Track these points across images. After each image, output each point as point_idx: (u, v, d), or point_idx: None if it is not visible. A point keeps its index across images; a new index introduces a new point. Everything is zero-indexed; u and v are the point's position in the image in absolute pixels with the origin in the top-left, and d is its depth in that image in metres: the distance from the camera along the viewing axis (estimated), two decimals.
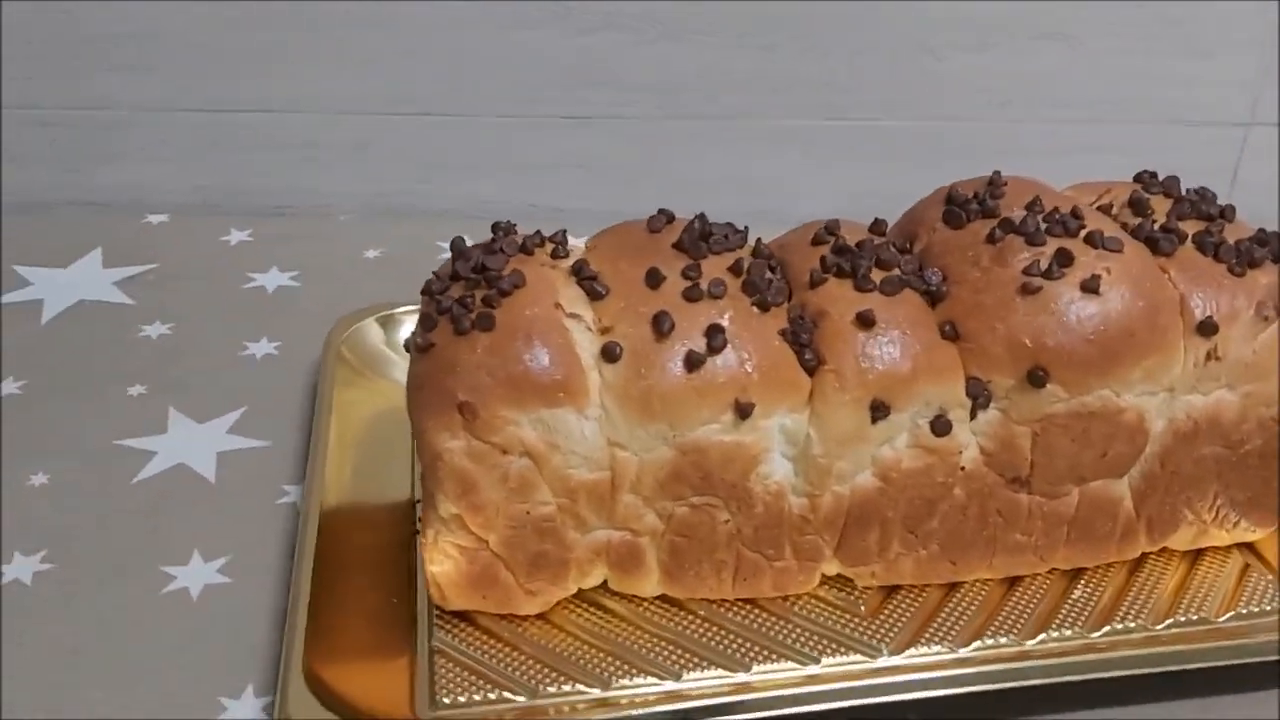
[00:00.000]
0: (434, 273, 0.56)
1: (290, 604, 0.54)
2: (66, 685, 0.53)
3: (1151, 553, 0.61)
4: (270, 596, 0.58)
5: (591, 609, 0.57)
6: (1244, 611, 0.57)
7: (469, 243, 0.57)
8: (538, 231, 0.58)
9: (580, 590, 0.57)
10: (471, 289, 0.53)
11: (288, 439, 0.68)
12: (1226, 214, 0.59)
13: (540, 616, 0.56)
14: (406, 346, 0.54)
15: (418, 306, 0.72)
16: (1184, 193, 0.61)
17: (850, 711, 0.52)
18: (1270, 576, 0.59)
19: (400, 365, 0.71)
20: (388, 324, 0.74)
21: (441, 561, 0.54)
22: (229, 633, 0.56)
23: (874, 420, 0.53)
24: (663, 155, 0.94)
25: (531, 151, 0.94)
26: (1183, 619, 0.57)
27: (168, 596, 0.58)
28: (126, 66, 0.90)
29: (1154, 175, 0.62)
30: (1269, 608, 0.57)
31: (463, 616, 0.56)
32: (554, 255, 0.57)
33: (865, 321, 0.53)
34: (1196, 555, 0.61)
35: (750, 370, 0.52)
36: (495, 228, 0.57)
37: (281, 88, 0.91)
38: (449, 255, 0.57)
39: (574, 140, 0.93)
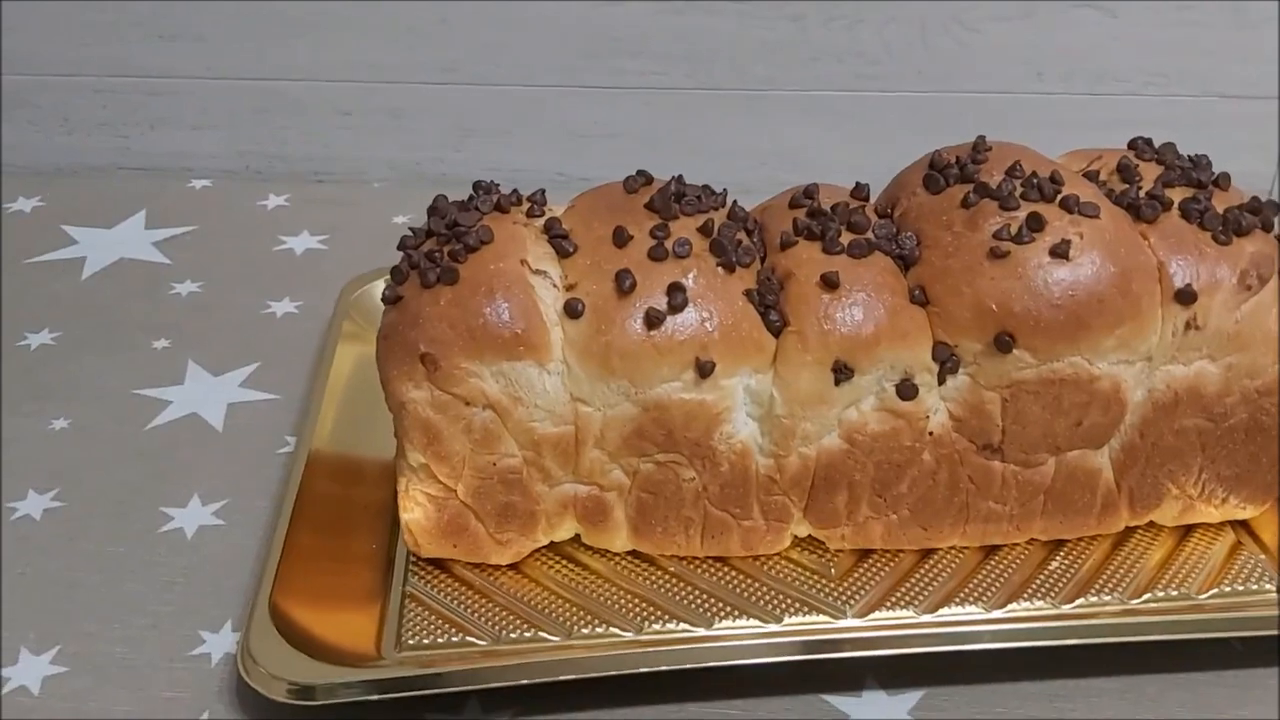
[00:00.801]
0: (410, 228, 0.57)
1: (267, 546, 0.56)
2: (62, 615, 0.56)
3: (1138, 527, 0.59)
4: (259, 540, 0.60)
5: (566, 562, 0.58)
6: (1228, 589, 0.56)
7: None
8: (514, 190, 0.59)
9: (557, 544, 0.58)
10: (442, 244, 0.54)
11: (296, 393, 0.71)
12: (1220, 181, 0.57)
13: (514, 567, 0.58)
14: (382, 300, 0.55)
15: None
16: (1177, 159, 0.59)
17: (804, 669, 0.52)
18: (1261, 556, 0.58)
19: None
20: None
21: (413, 509, 0.56)
22: (217, 571, 0.59)
23: (837, 382, 0.53)
24: (692, 125, 0.94)
25: (562, 120, 0.95)
26: (1161, 594, 0.56)
27: (163, 536, 0.61)
28: (174, 36, 0.93)
29: (1149, 142, 0.61)
30: (1255, 586, 0.56)
31: (439, 565, 0.58)
32: (529, 214, 0.58)
33: (829, 283, 0.53)
34: (1186, 531, 0.60)
35: (711, 329, 0.53)
36: (476, 186, 0.59)
37: (321, 57, 0.94)
38: None
39: (604, 109, 0.94)
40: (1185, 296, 0.53)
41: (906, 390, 0.54)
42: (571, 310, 0.53)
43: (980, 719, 0.51)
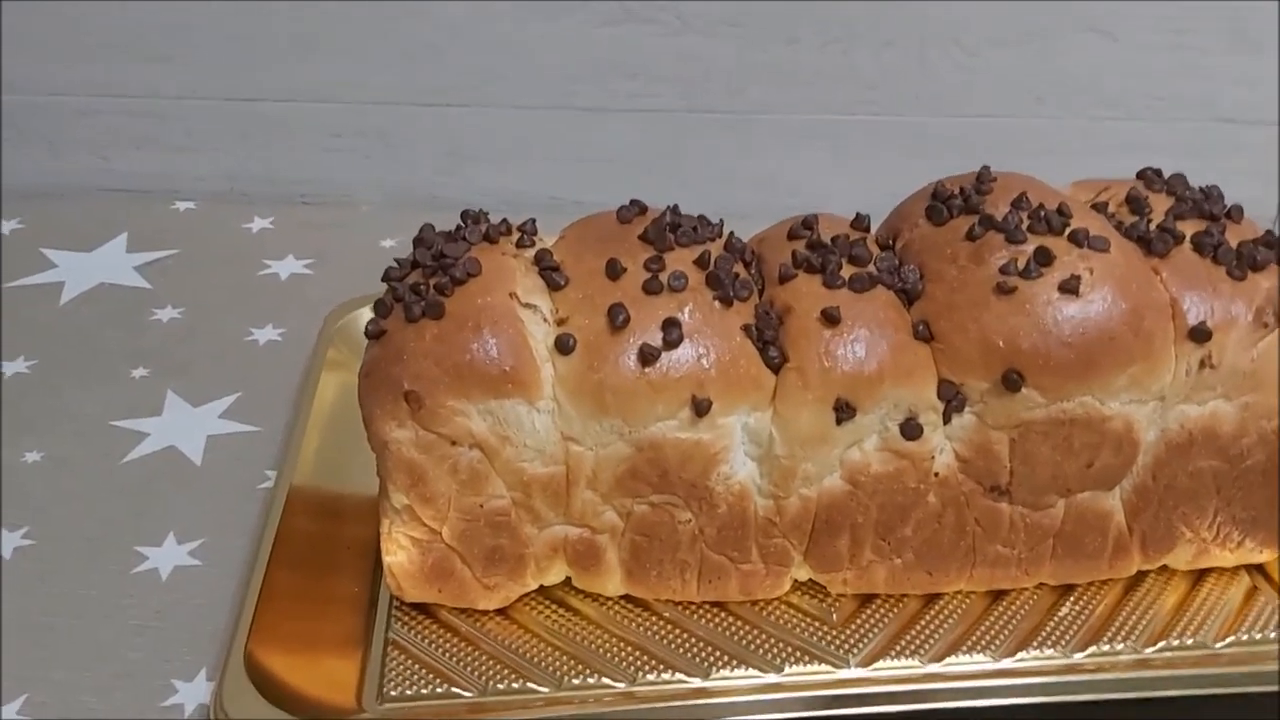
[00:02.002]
0: (395, 259, 0.55)
1: (244, 589, 0.54)
2: (32, 661, 0.54)
3: (1151, 571, 0.57)
4: (236, 581, 0.58)
5: (557, 608, 0.56)
6: (1245, 638, 0.54)
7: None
8: (504, 220, 0.57)
9: (548, 589, 0.56)
10: (428, 276, 0.52)
11: (278, 424, 0.68)
12: (1233, 214, 0.55)
13: (502, 613, 0.56)
14: (366, 334, 0.53)
15: None
16: (1188, 191, 0.57)
17: None
18: (1278, 600, 0.56)
19: None
20: None
21: (396, 552, 0.53)
22: (192, 615, 0.56)
23: (839, 421, 0.51)
24: (687, 149, 0.92)
25: (554, 143, 0.93)
26: (1176, 643, 0.54)
27: (137, 576, 0.58)
28: (160, 57, 0.91)
29: (1158, 172, 0.59)
30: (1273, 634, 0.54)
31: (423, 610, 0.56)
32: (519, 244, 0.56)
33: (830, 319, 0.51)
34: (1200, 575, 0.57)
35: (708, 366, 0.51)
36: (464, 215, 0.57)
37: (309, 78, 0.92)
38: None
39: (597, 132, 0.92)
40: (1199, 334, 0.51)
41: (911, 430, 0.52)
42: (562, 346, 0.51)
43: None
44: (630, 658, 0.53)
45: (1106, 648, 0.53)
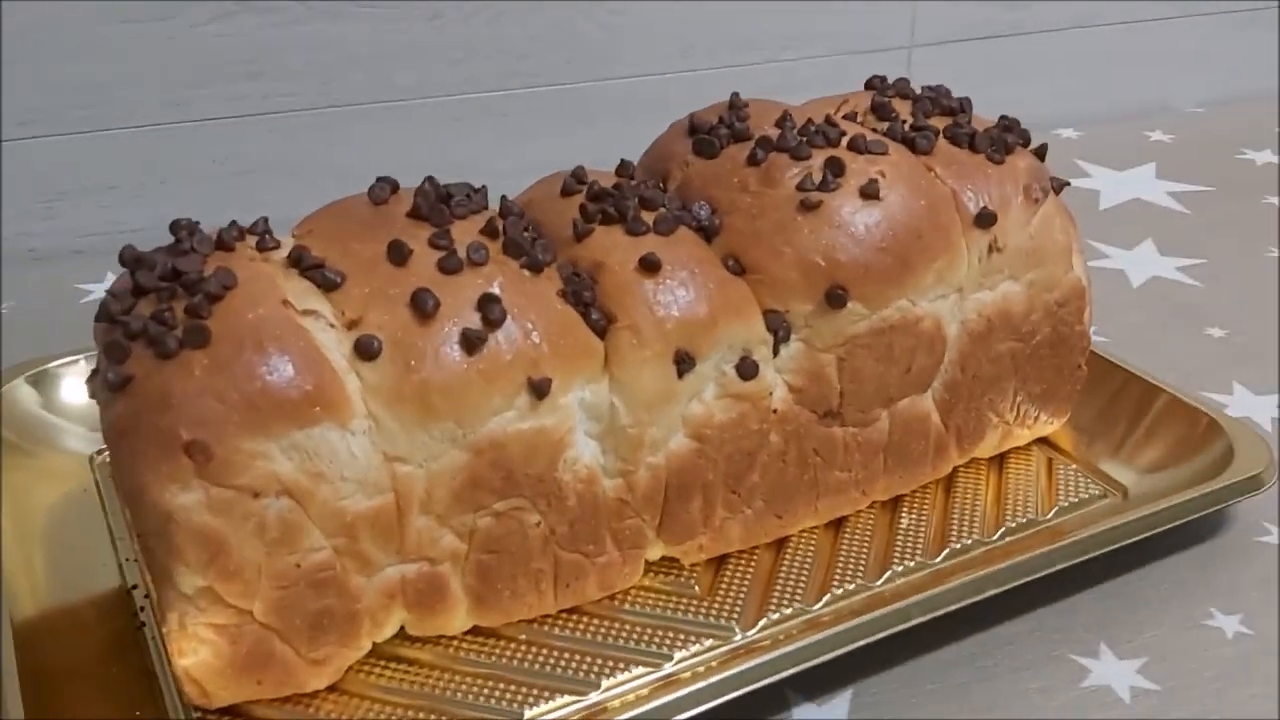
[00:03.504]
0: (109, 291, 0.43)
1: None
2: None
3: (960, 468, 0.58)
4: None
5: (392, 665, 0.47)
6: (1065, 504, 0.56)
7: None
8: (233, 223, 0.47)
9: (375, 645, 0.47)
10: (167, 301, 0.41)
11: None
12: (965, 106, 0.57)
13: (333, 688, 0.46)
14: (92, 393, 0.41)
15: (81, 353, 0.60)
16: (919, 91, 0.59)
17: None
18: (1073, 465, 0.58)
19: (70, 430, 0.58)
20: (42, 383, 0.60)
21: (195, 651, 0.42)
22: None
23: (680, 374, 0.47)
24: (336, 147, 0.83)
25: (178, 162, 0.81)
26: (1013, 524, 0.55)
27: None
28: None
29: (884, 79, 0.60)
30: (1086, 495, 0.56)
31: (231, 712, 0.44)
32: (260, 247, 0.46)
33: (650, 266, 0.47)
34: (1001, 462, 0.59)
35: (538, 341, 0.44)
36: (175, 227, 0.46)
37: None
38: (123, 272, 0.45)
39: (228, 144, 0.81)
40: (985, 219, 0.52)
41: (747, 369, 0.49)
42: (365, 350, 0.42)
43: (916, 702, 0.47)
44: (504, 694, 0.46)
45: (958, 545, 0.53)
